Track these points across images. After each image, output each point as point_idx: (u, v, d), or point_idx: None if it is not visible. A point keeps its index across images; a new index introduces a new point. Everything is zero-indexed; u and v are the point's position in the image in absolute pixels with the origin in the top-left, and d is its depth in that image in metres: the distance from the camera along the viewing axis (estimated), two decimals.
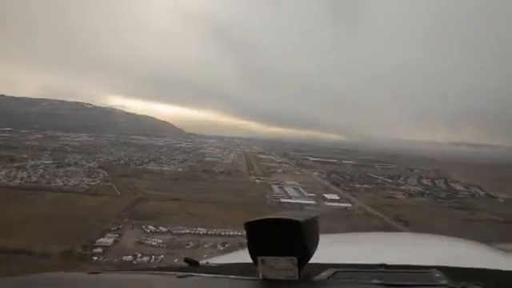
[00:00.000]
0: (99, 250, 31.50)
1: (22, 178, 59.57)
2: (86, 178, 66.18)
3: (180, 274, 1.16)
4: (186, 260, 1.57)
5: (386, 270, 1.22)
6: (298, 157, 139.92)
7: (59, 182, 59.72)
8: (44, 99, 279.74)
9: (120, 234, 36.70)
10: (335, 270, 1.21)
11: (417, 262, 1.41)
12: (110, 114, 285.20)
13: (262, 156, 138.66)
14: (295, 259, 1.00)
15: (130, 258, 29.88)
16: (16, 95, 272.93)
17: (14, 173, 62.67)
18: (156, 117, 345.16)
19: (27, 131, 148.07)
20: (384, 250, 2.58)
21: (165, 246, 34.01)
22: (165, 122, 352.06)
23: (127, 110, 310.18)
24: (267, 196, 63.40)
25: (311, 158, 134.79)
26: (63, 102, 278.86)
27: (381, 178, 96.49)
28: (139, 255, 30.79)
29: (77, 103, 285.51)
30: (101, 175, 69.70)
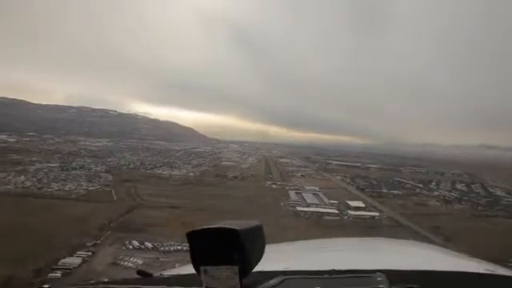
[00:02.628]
0: (57, 274, 25.30)
1: (15, 183, 55.31)
2: (87, 182, 61.52)
3: (126, 286, 1.20)
4: (138, 272, 1.64)
5: (331, 275, 1.27)
6: (319, 160, 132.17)
7: (54, 187, 55.12)
8: (70, 106, 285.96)
9: (93, 252, 30.54)
10: (284, 277, 1.23)
11: (366, 267, 1.47)
12: (133, 120, 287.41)
13: (282, 160, 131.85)
14: (236, 268, 1.01)
15: None
16: (43, 102, 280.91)
17: (10, 177, 58.84)
18: (179, 123, 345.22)
19: (50, 136, 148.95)
20: (337, 256, 2.58)
21: (143, 268, 27.22)
22: (188, 128, 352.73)
23: (151, 117, 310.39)
24: (282, 204, 55.98)
25: (334, 162, 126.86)
26: (88, 109, 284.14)
27: (410, 182, 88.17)
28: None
29: (101, 110, 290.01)
30: (103, 180, 64.97)
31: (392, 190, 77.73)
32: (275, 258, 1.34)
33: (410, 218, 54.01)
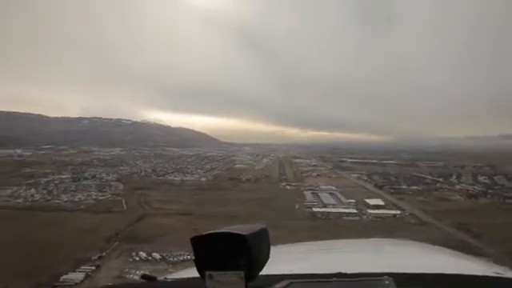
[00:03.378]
0: None
1: (25, 197, 54.74)
2: (97, 192, 60.66)
3: None
4: (142, 276, 1.67)
5: (338, 279, 1.27)
6: (334, 159, 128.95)
7: (63, 199, 54.26)
8: (84, 118, 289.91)
9: (98, 266, 28.93)
10: (290, 281, 1.23)
11: (372, 269, 1.47)
12: (146, 128, 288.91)
13: (296, 160, 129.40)
14: (242, 273, 1.00)
15: None
16: (59, 115, 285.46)
17: (21, 191, 58.56)
18: (192, 128, 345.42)
19: (64, 148, 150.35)
20: (343, 257, 2.53)
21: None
22: (201, 133, 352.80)
23: (164, 124, 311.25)
24: (297, 206, 53.66)
25: (349, 160, 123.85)
26: (102, 119, 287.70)
27: (429, 177, 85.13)
28: None
29: (115, 120, 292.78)
30: (113, 189, 64.08)
31: (411, 185, 75.00)
32: (279, 260, 1.26)
33: (433, 214, 51.23)
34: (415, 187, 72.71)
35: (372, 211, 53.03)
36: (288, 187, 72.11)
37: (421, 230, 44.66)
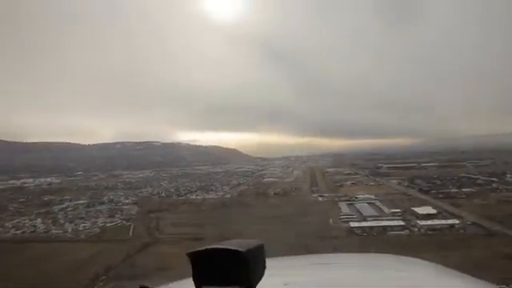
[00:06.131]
0: None
1: (28, 227, 50.43)
2: (106, 218, 55.86)
3: None
4: (141, 287, 1.66)
5: None
6: (369, 165, 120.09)
7: (67, 228, 49.02)
8: (117, 142, 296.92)
9: None
10: None
11: (370, 287, 1.48)
12: (177, 148, 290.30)
13: (328, 170, 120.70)
14: None
15: None
16: (93, 142, 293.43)
17: (26, 221, 54.90)
18: (223, 146, 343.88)
19: (95, 173, 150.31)
20: (340, 273, 2.44)
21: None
22: (232, 150, 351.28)
23: (195, 143, 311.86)
24: (331, 220, 44.93)
25: (385, 165, 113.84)
26: (133, 142, 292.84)
27: (480, 177, 75.73)
28: None
29: (146, 143, 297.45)
30: (126, 213, 59.18)
31: (462, 188, 65.85)
32: (274, 274, 1.26)
33: (503, 222, 40.72)
34: (467, 189, 63.57)
35: (423, 222, 43.72)
36: (320, 199, 63.67)
37: (494, 244, 34.60)
